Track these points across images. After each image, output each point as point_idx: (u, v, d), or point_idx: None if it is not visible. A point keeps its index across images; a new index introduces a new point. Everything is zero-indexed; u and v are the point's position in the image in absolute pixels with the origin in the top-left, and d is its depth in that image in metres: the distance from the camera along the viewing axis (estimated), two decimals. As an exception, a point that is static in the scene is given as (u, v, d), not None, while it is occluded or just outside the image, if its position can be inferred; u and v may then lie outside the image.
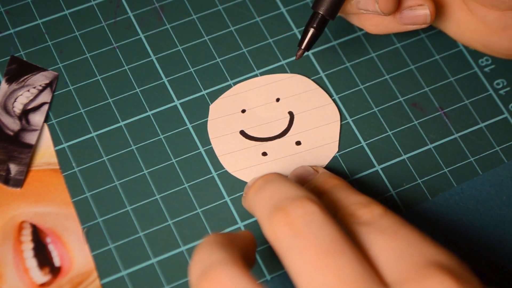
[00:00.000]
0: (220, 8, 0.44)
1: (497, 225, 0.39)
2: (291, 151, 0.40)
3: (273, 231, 0.31)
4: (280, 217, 0.30)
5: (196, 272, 0.30)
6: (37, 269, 0.37)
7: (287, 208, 0.31)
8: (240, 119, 0.41)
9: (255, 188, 0.34)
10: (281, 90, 0.42)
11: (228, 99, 0.41)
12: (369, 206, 0.33)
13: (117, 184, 0.39)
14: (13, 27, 0.43)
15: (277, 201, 0.31)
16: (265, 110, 0.41)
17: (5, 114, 0.40)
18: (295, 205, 0.31)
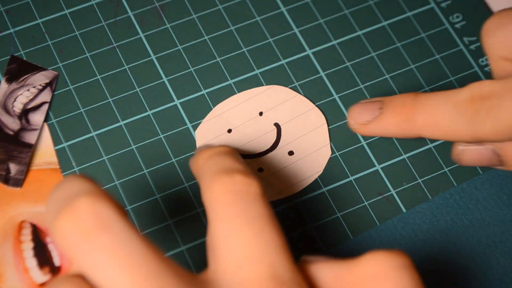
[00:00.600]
0: (220, 7, 0.44)
1: (497, 224, 0.39)
2: (285, 162, 0.40)
3: (212, 193, 0.31)
4: (222, 183, 0.31)
5: (53, 205, 0.29)
6: (37, 268, 0.37)
7: (228, 176, 0.31)
8: (229, 140, 0.40)
9: (205, 156, 0.34)
10: (262, 103, 0.41)
11: (212, 122, 0.41)
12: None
13: (117, 184, 0.39)
14: (13, 27, 0.43)
15: (220, 168, 0.32)
16: (251, 126, 0.41)
17: (5, 114, 0.40)
18: (237, 176, 0.31)
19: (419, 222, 0.39)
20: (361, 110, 0.39)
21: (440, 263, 0.38)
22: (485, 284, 0.38)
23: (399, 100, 0.37)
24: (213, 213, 0.31)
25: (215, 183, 0.31)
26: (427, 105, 0.36)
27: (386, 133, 0.38)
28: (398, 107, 0.37)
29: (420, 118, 0.36)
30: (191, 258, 0.38)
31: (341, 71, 0.43)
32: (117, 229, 0.28)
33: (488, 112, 0.34)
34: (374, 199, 0.40)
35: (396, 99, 0.38)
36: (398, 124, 0.37)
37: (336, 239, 0.39)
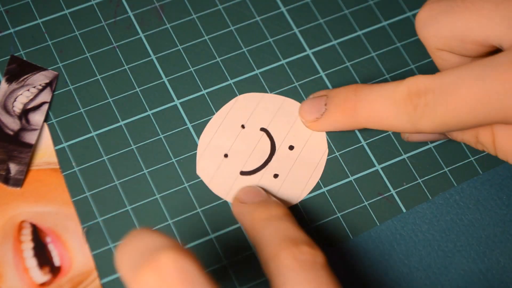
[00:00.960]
0: (220, 7, 0.44)
1: (497, 224, 0.39)
2: (291, 159, 0.40)
3: (280, 260, 0.33)
4: (290, 252, 0.33)
5: (129, 258, 0.29)
6: (37, 268, 0.37)
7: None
8: (231, 163, 0.40)
9: (262, 217, 0.35)
10: (238, 117, 0.41)
11: (206, 154, 0.40)
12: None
13: (117, 183, 0.39)
14: (13, 27, 0.43)
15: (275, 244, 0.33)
16: (242, 142, 0.40)
17: (5, 114, 0.40)
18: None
19: (419, 222, 0.39)
20: (309, 107, 0.39)
21: (440, 263, 0.38)
22: (485, 284, 0.38)
23: (341, 95, 0.38)
24: (280, 278, 0.32)
25: (283, 251, 0.33)
26: (368, 101, 0.37)
27: (335, 128, 0.39)
28: (341, 103, 0.38)
29: (362, 113, 0.37)
30: (191, 258, 0.38)
31: (341, 71, 0.43)
32: (199, 285, 0.28)
33: (425, 108, 0.34)
34: (374, 199, 0.40)
35: (339, 94, 0.38)
36: (343, 119, 0.38)
37: (336, 239, 0.39)
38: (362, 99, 0.37)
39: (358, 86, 0.38)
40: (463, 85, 0.33)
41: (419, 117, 0.35)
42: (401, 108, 0.35)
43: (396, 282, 0.38)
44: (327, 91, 0.39)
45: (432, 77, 0.35)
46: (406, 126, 0.35)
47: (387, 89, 0.36)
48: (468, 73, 0.33)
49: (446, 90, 0.34)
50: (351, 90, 0.38)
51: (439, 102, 0.34)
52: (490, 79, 0.33)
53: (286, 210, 0.36)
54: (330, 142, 0.41)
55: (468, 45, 0.35)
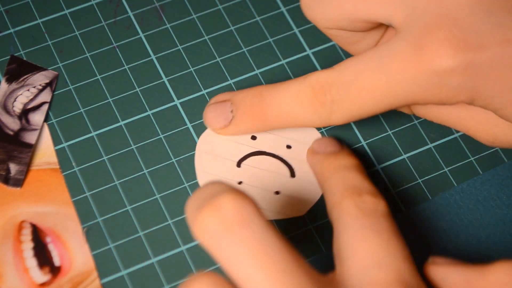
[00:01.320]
0: (220, 7, 0.44)
1: (497, 224, 0.39)
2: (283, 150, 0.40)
3: (342, 208, 0.34)
4: (352, 200, 0.34)
5: (194, 203, 0.30)
6: (37, 268, 0.37)
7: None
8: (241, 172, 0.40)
9: (332, 167, 0.36)
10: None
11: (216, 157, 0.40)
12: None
13: (117, 183, 0.39)
14: (13, 27, 0.43)
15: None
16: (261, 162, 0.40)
17: (5, 114, 0.40)
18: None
19: (419, 222, 0.39)
20: (214, 115, 0.39)
21: (440, 263, 0.38)
22: (485, 284, 0.38)
23: (246, 101, 0.38)
24: (341, 224, 0.33)
25: (346, 200, 0.34)
26: (275, 104, 0.37)
27: (246, 133, 0.39)
28: (248, 110, 0.38)
29: (272, 117, 0.37)
30: (191, 258, 0.38)
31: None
32: (257, 226, 0.29)
33: (332, 104, 0.35)
34: (374, 199, 0.40)
35: (244, 100, 0.38)
36: (253, 125, 0.38)
37: (336, 239, 0.39)
38: (269, 103, 0.37)
39: (262, 89, 0.37)
40: (364, 79, 0.34)
41: (328, 113, 0.35)
42: (309, 107, 0.36)
43: (396, 282, 0.38)
44: (230, 95, 0.39)
45: (333, 72, 0.35)
46: (318, 123, 0.36)
47: (292, 90, 0.36)
48: (366, 65, 0.34)
49: (349, 84, 0.34)
50: (256, 94, 0.38)
51: (344, 97, 0.35)
52: (389, 70, 0.33)
53: (356, 161, 0.37)
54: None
55: (358, 24, 0.36)
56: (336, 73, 0.35)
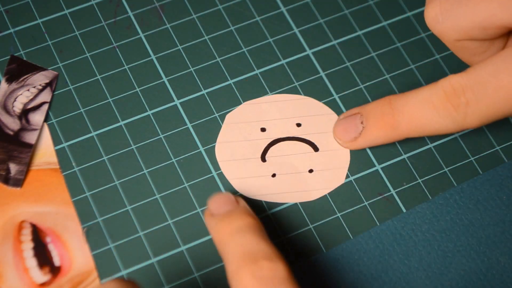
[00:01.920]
0: (220, 7, 0.44)
1: (497, 224, 0.39)
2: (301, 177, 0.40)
3: (239, 280, 0.33)
4: (248, 270, 0.33)
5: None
6: (37, 268, 0.37)
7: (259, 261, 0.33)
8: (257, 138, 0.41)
9: (228, 231, 0.35)
10: (297, 112, 0.41)
11: (234, 126, 0.41)
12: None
13: (117, 183, 0.39)
14: (13, 27, 0.43)
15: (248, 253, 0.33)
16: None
17: (5, 114, 0.40)
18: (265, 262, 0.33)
19: (419, 222, 0.39)
20: (344, 128, 0.39)
21: (440, 263, 0.38)
22: (485, 284, 0.38)
23: (377, 111, 0.38)
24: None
25: (242, 270, 0.33)
26: (406, 111, 0.36)
27: (375, 144, 0.39)
28: (379, 119, 0.37)
29: (404, 125, 0.37)
30: (191, 258, 0.38)
31: (341, 71, 0.43)
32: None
33: (467, 107, 0.34)
34: (374, 199, 0.40)
35: (374, 110, 0.38)
36: (384, 134, 0.38)
37: (336, 239, 0.39)
38: (400, 111, 0.37)
39: (391, 98, 0.37)
40: (502, 76, 0.33)
41: (463, 117, 0.35)
42: (442, 112, 0.35)
43: (396, 282, 0.38)
44: (360, 109, 0.39)
45: (466, 75, 0.34)
46: (451, 127, 0.35)
47: (423, 96, 0.36)
48: (503, 65, 0.34)
49: (485, 83, 0.34)
50: (386, 103, 0.37)
51: (481, 98, 0.34)
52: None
53: (251, 219, 0.35)
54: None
55: (491, 31, 0.35)
56: (470, 75, 0.34)
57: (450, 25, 0.36)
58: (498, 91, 0.34)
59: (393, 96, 0.37)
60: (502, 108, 0.34)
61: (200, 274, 0.38)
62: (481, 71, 0.34)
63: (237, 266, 0.33)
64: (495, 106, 0.34)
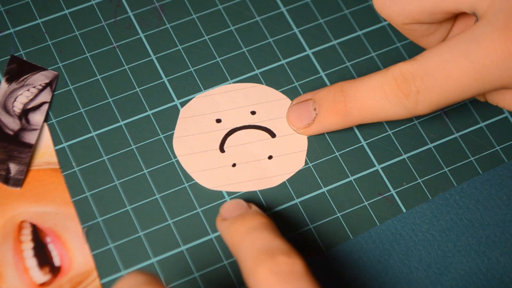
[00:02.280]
0: (220, 7, 0.44)
1: (497, 224, 0.39)
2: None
3: (257, 277, 0.32)
4: (266, 266, 0.32)
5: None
6: (37, 268, 0.37)
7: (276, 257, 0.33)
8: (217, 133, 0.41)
9: (241, 231, 0.35)
10: (250, 99, 0.42)
11: (191, 119, 0.41)
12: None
13: (117, 183, 0.39)
14: (13, 27, 0.43)
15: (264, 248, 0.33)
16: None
17: (5, 114, 0.40)
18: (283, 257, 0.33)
19: (419, 222, 0.39)
20: (297, 114, 0.39)
21: (440, 263, 0.38)
22: (485, 284, 0.38)
23: (329, 97, 0.38)
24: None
25: (259, 267, 0.32)
26: (358, 99, 0.37)
27: (328, 130, 0.39)
28: (332, 107, 0.38)
29: (356, 112, 0.37)
30: (191, 258, 0.38)
31: (341, 71, 0.43)
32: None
33: (417, 95, 0.35)
34: (374, 199, 0.40)
35: (326, 97, 0.38)
36: (337, 121, 0.38)
37: (336, 239, 0.39)
38: (352, 99, 0.37)
39: (343, 84, 0.38)
40: (450, 66, 0.34)
41: (414, 105, 0.35)
42: (393, 99, 0.36)
43: (396, 282, 0.38)
44: (312, 94, 0.39)
45: (416, 62, 0.35)
46: (403, 114, 0.36)
47: (374, 84, 0.36)
48: (451, 53, 0.34)
49: (434, 73, 0.34)
50: (338, 90, 0.38)
51: (430, 87, 0.34)
52: (477, 55, 0.33)
53: (264, 219, 0.35)
54: (330, 142, 0.41)
55: (438, 15, 0.36)
56: (419, 63, 0.35)
57: (398, 10, 0.36)
58: (447, 81, 0.34)
59: (345, 82, 0.38)
60: (452, 96, 0.35)
61: (200, 274, 0.38)
62: (430, 60, 0.34)
63: (254, 263, 0.33)
64: (444, 94, 0.35)
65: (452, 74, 0.34)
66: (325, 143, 0.41)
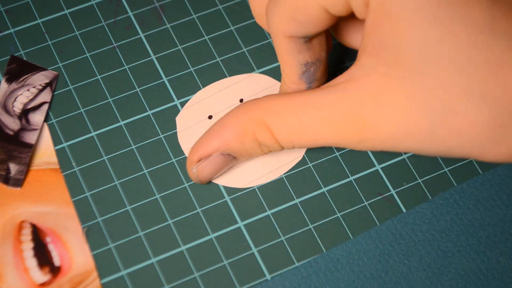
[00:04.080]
0: (220, 7, 0.44)
1: (497, 224, 0.39)
2: None
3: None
4: None
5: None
6: (37, 268, 0.37)
7: None
8: (209, 126, 0.41)
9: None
10: (242, 91, 0.41)
11: (193, 108, 0.41)
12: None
13: (117, 183, 0.39)
14: (13, 27, 0.43)
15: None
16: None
17: (5, 114, 0.40)
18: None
19: (419, 222, 0.39)
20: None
21: (440, 263, 0.38)
22: (485, 284, 0.38)
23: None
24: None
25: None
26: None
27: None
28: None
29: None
30: (191, 258, 0.38)
31: (341, 71, 0.43)
32: None
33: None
34: (374, 199, 0.40)
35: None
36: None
37: (336, 239, 0.39)
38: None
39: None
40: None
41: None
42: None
43: (396, 282, 0.38)
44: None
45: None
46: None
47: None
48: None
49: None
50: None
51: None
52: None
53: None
54: (330, 142, 0.41)
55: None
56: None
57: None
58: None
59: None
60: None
61: (200, 274, 0.38)
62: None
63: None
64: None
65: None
66: (325, 143, 0.41)
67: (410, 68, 0.30)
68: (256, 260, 0.38)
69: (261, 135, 0.34)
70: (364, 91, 0.31)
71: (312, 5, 0.32)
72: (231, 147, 0.36)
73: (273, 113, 0.34)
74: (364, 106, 0.31)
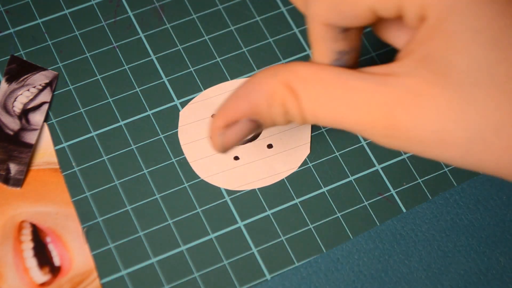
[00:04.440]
0: (220, 7, 0.44)
1: (497, 224, 0.39)
2: (262, 154, 0.40)
3: None
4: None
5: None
6: (37, 268, 0.37)
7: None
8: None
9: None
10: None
11: (198, 105, 0.41)
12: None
13: (117, 183, 0.39)
14: (13, 27, 0.43)
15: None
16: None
17: (5, 114, 0.40)
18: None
19: (419, 222, 0.39)
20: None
21: (440, 263, 0.38)
22: (485, 284, 0.38)
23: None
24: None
25: None
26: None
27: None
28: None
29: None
30: (191, 258, 0.38)
31: (341, 71, 0.43)
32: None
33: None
34: (374, 199, 0.40)
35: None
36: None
37: (336, 239, 0.39)
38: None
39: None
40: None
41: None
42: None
43: (396, 282, 0.38)
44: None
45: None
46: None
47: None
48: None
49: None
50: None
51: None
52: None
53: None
54: (330, 142, 0.41)
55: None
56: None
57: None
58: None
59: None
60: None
61: (200, 274, 0.38)
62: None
63: None
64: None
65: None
66: (325, 143, 0.41)
67: (457, 82, 0.30)
68: (256, 260, 0.38)
69: (289, 101, 0.33)
70: (405, 88, 0.31)
71: (361, 4, 0.32)
72: (259, 111, 0.34)
73: (304, 80, 0.33)
74: (402, 103, 0.31)
